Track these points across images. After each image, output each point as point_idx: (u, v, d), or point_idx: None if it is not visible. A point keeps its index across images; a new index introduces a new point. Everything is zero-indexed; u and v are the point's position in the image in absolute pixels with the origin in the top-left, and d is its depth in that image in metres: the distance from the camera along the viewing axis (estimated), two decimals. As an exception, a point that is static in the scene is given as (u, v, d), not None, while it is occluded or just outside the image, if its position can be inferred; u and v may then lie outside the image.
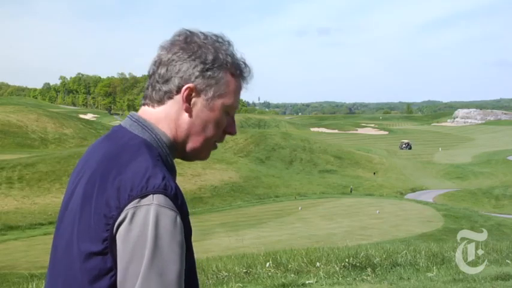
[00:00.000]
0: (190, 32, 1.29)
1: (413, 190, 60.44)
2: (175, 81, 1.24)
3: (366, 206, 41.29)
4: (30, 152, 64.04)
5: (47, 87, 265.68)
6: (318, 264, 5.80)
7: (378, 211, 37.75)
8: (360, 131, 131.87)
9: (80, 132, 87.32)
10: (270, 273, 5.65)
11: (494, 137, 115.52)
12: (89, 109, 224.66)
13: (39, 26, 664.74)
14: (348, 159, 77.61)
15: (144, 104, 1.31)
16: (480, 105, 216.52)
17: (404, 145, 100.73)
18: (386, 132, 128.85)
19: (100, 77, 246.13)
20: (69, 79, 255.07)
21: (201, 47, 1.25)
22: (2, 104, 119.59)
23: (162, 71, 1.26)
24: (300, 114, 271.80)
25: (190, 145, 1.30)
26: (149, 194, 1.13)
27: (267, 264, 5.94)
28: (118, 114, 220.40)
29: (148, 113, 1.29)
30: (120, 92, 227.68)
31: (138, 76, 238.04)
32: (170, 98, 1.26)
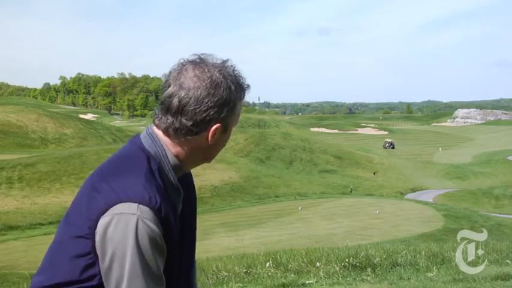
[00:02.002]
0: (202, 65, 1.35)
1: (413, 190, 60.44)
2: (206, 118, 1.34)
3: (366, 206, 41.30)
4: (30, 152, 64.04)
5: (47, 87, 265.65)
6: (318, 264, 5.80)
7: (378, 211, 37.75)
8: (360, 131, 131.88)
9: (80, 132, 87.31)
10: (270, 273, 5.65)
11: (494, 137, 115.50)
12: (89, 109, 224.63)
13: (39, 26, 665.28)
14: (348, 159, 77.62)
15: (156, 118, 1.40)
16: (480, 105, 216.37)
17: (387, 144, 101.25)
18: (386, 132, 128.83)
19: (100, 77, 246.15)
20: (69, 79, 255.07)
21: (215, 85, 1.33)
22: (2, 104, 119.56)
23: (190, 108, 1.33)
24: (300, 114, 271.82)
25: (197, 163, 1.46)
26: (132, 203, 1.25)
27: (267, 264, 5.93)
28: (118, 114, 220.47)
29: (158, 132, 1.40)
30: (120, 92, 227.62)
31: (138, 76, 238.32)
32: (184, 135, 1.36)
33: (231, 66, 1.39)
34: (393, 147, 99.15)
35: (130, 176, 1.29)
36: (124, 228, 1.23)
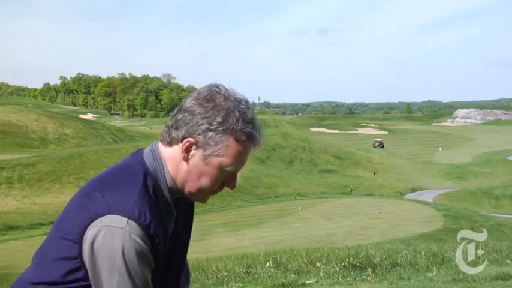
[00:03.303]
0: (216, 90, 1.38)
1: (413, 190, 60.45)
2: (182, 131, 1.35)
3: (366, 206, 41.30)
4: (30, 152, 64.10)
5: (47, 87, 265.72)
6: (318, 264, 5.80)
7: (378, 211, 37.76)
8: (360, 131, 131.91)
9: (80, 132, 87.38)
10: (270, 273, 5.65)
11: (494, 137, 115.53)
12: (89, 109, 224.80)
13: (39, 26, 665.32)
14: (348, 159, 77.64)
15: (160, 140, 1.43)
16: (480, 105, 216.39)
17: (377, 143, 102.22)
18: (386, 132, 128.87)
19: (100, 77, 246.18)
20: (69, 79, 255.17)
21: (215, 107, 1.34)
22: (2, 104, 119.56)
23: (179, 116, 1.37)
24: (300, 114, 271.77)
25: (187, 189, 1.40)
26: (121, 217, 1.26)
27: (267, 264, 5.94)
28: (118, 114, 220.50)
29: (161, 149, 1.41)
30: (120, 92, 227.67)
31: (138, 76, 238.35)
32: (176, 143, 1.37)
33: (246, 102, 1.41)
34: (383, 147, 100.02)
35: (124, 189, 1.31)
36: (111, 241, 1.24)
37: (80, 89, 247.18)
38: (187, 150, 1.35)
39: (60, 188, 45.02)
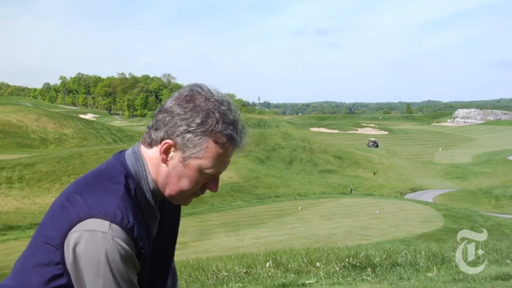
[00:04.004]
0: (198, 90, 1.34)
1: (413, 190, 60.43)
2: (161, 132, 1.33)
3: (366, 206, 41.28)
4: (30, 152, 64.09)
5: (47, 87, 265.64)
6: (318, 264, 5.80)
7: (378, 211, 37.74)
8: (360, 131, 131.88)
9: (80, 132, 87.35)
10: (270, 273, 5.65)
11: (494, 137, 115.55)
12: (89, 109, 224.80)
13: (39, 25, 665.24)
14: (348, 159, 77.63)
15: (141, 141, 1.41)
16: (480, 105, 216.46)
17: (371, 143, 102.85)
18: (386, 132, 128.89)
19: (100, 77, 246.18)
20: (69, 79, 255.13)
21: (194, 108, 1.31)
22: (2, 104, 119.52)
23: (158, 117, 1.35)
24: (300, 114, 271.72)
25: (167, 191, 1.37)
26: (104, 220, 1.23)
27: (267, 264, 5.93)
28: (118, 114, 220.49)
29: (143, 150, 1.40)
30: (120, 92, 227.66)
31: (138, 76, 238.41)
32: (156, 145, 1.35)
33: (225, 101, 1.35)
34: (377, 146, 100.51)
35: (106, 192, 1.28)
36: (94, 246, 1.21)
37: (80, 89, 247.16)
38: (166, 152, 1.32)
39: (60, 188, 44.96)
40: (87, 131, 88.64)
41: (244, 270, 5.79)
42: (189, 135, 1.30)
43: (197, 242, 25.77)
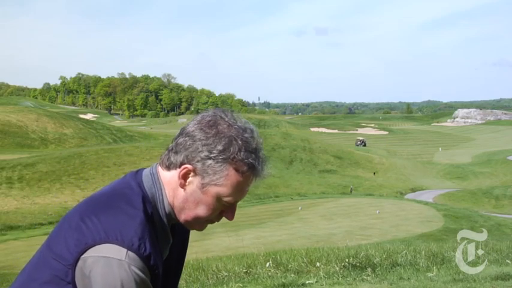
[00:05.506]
0: (221, 115, 1.32)
1: (413, 190, 60.42)
2: (181, 156, 1.30)
3: (366, 206, 41.27)
4: (30, 152, 64.11)
5: (47, 87, 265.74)
6: (318, 264, 5.80)
7: (378, 211, 37.74)
8: (360, 131, 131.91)
9: (80, 132, 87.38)
10: (270, 273, 5.65)
11: (494, 137, 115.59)
12: (89, 109, 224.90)
13: (39, 25, 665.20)
14: (348, 159, 77.65)
15: (159, 163, 1.37)
16: (480, 105, 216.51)
17: (359, 142, 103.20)
18: (386, 132, 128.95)
19: (100, 77, 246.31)
20: (69, 79, 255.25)
21: (217, 134, 1.28)
22: (2, 104, 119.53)
23: (179, 140, 1.32)
24: (300, 114, 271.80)
25: (183, 217, 1.35)
26: (120, 247, 1.19)
27: (267, 264, 5.94)
28: (118, 114, 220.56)
29: (160, 172, 1.35)
30: (120, 92, 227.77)
31: (138, 76, 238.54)
32: (174, 168, 1.32)
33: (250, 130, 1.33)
34: (364, 145, 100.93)
35: (123, 216, 1.23)
36: (110, 273, 1.18)
37: (79, 89, 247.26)
38: (185, 177, 1.29)
39: (60, 188, 45.01)
40: (87, 131, 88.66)
41: (244, 270, 5.79)
42: (209, 162, 1.27)
43: (197, 242, 25.75)
